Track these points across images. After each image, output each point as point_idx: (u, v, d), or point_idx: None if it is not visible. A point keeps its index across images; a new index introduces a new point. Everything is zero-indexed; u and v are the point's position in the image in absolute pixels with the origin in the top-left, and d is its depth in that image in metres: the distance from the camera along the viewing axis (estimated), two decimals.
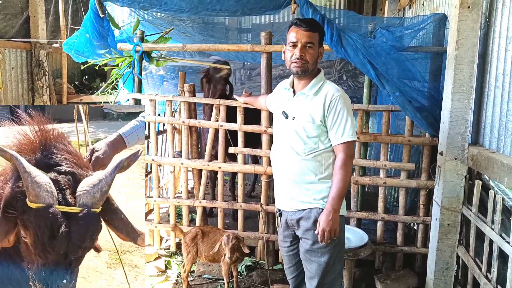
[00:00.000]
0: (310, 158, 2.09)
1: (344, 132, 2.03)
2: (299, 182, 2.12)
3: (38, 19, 7.15)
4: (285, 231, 2.27)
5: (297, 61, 2.03)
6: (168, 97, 3.63)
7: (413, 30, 3.18)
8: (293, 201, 2.15)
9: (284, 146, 2.17)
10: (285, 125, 2.16)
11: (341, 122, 2.03)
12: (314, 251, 2.11)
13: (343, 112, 2.03)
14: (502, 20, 2.50)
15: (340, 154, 2.04)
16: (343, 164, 2.02)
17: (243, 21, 7.59)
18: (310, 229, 2.10)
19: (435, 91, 3.07)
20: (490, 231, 2.36)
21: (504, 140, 2.44)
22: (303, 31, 2.02)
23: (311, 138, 2.07)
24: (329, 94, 2.05)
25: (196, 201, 3.66)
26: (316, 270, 2.13)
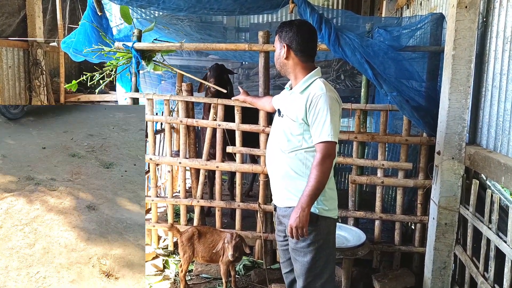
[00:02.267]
0: (293, 156, 2.11)
1: (322, 131, 1.99)
2: (283, 179, 2.15)
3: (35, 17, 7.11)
4: (278, 226, 2.30)
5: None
6: (165, 96, 3.62)
7: (411, 30, 3.18)
8: (280, 197, 2.20)
9: (273, 143, 2.22)
10: (277, 123, 2.22)
11: (320, 121, 1.99)
12: (298, 250, 2.14)
13: (323, 112, 1.99)
14: (499, 20, 2.51)
15: (317, 154, 2.02)
16: (317, 164, 1.99)
17: (241, 20, 7.58)
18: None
19: (433, 91, 3.08)
20: (487, 230, 2.37)
21: (501, 140, 2.45)
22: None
23: (294, 136, 2.10)
24: (311, 92, 2.04)
25: (194, 200, 3.66)
26: (300, 269, 2.15)
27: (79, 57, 3.92)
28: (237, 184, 3.60)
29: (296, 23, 2.11)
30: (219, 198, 3.63)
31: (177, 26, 4.55)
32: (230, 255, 2.91)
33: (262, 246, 3.54)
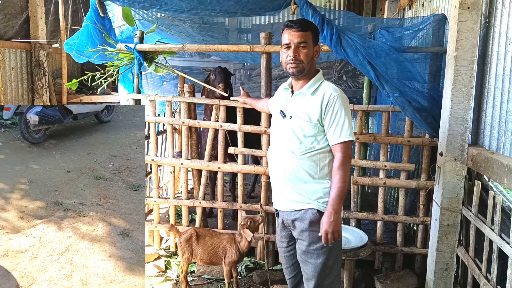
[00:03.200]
0: (306, 157, 2.08)
1: (342, 132, 2.01)
2: (294, 182, 2.11)
3: (38, 19, 7.15)
4: (282, 232, 2.27)
5: (291, 62, 2.04)
6: (167, 98, 3.63)
7: (413, 31, 3.18)
8: (288, 201, 2.15)
9: (280, 146, 2.16)
10: (283, 125, 2.16)
11: (338, 122, 2.01)
12: (310, 252, 2.11)
13: (341, 112, 2.01)
14: (502, 21, 2.51)
15: (338, 154, 2.02)
16: (341, 164, 2.01)
17: (243, 21, 7.59)
18: (306, 230, 2.09)
19: (435, 92, 3.07)
20: (490, 231, 2.37)
21: (504, 141, 2.44)
22: (295, 32, 2.03)
23: (307, 137, 2.07)
24: (326, 93, 2.04)
25: (196, 201, 3.66)
26: (313, 271, 2.13)
27: (82, 58, 3.93)
28: (239, 185, 3.60)
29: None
30: (221, 199, 3.63)
31: (179, 27, 4.56)
32: (250, 237, 2.92)
33: (264, 247, 3.54)
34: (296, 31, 2.03)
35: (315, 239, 2.07)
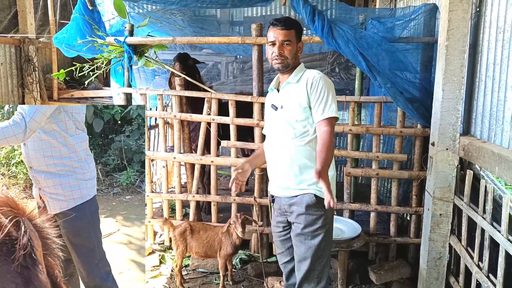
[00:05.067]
0: (302, 143, 2.14)
1: (325, 109, 2.09)
2: (292, 169, 2.16)
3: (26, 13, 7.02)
4: (278, 217, 2.31)
5: (277, 57, 2.16)
6: (159, 91, 3.59)
7: (404, 21, 3.16)
8: (286, 188, 2.20)
9: (276, 136, 2.23)
10: (276, 116, 2.23)
11: (322, 99, 2.09)
12: (305, 234, 2.17)
13: (324, 91, 2.10)
14: (492, 9, 2.50)
15: (324, 127, 2.06)
16: (327, 135, 2.04)
17: (235, 13, 7.52)
18: (303, 214, 2.15)
19: (427, 82, 3.07)
20: (482, 220, 2.38)
21: (495, 130, 2.45)
22: (279, 30, 2.15)
23: (299, 121, 2.14)
24: (310, 77, 2.15)
25: (189, 195, 3.65)
26: (305, 253, 2.18)
27: (72, 53, 3.88)
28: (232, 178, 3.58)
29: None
30: (215, 192, 3.62)
31: (170, 20, 4.50)
32: (240, 232, 2.94)
33: (258, 240, 3.54)
34: (280, 29, 2.15)
35: (310, 221, 2.14)
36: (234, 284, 3.24)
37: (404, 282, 3.17)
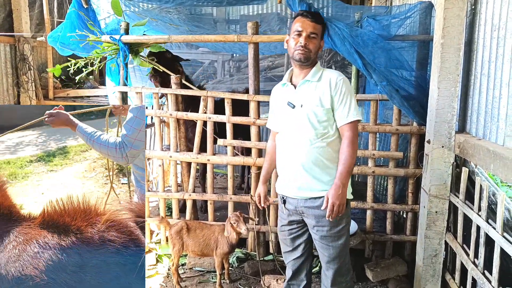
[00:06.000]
0: (323, 145, 2.14)
1: (349, 112, 2.11)
2: (313, 170, 2.15)
3: (21, 12, 6.98)
4: (290, 217, 2.28)
5: (301, 48, 2.13)
6: (154, 90, 3.58)
7: (400, 19, 3.17)
8: (303, 189, 2.18)
9: (293, 135, 2.19)
10: (293, 115, 2.19)
11: (346, 102, 2.12)
12: (332, 236, 2.17)
13: (347, 94, 2.13)
14: (487, 7, 2.51)
15: (347, 133, 2.12)
16: (351, 142, 2.10)
17: (231, 12, 7.51)
18: (325, 216, 2.13)
19: (422, 80, 3.07)
20: (477, 217, 2.39)
21: (490, 127, 2.45)
22: (309, 22, 2.14)
23: (321, 123, 2.13)
24: (332, 78, 2.14)
25: (185, 194, 3.64)
26: (335, 253, 2.20)
27: (67, 51, 3.86)
28: (228, 177, 3.59)
29: None
30: (211, 191, 3.62)
31: (166, 18, 4.49)
32: (244, 230, 2.93)
33: (255, 238, 3.54)
34: (310, 21, 2.14)
35: (335, 223, 2.16)
36: (231, 283, 3.24)
37: (401, 280, 3.18)
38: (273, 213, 3.49)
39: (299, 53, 2.13)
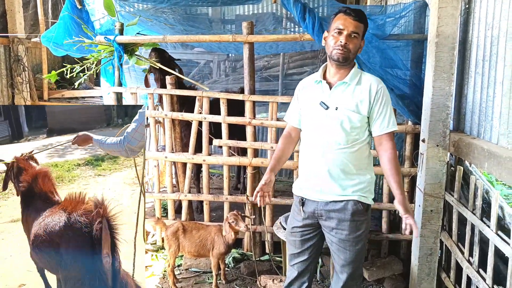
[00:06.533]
0: (352, 150, 2.10)
1: (389, 122, 2.09)
2: (338, 175, 2.10)
3: (15, 13, 6.94)
4: (306, 220, 2.22)
5: (340, 48, 2.03)
6: (149, 90, 3.57)
7: (395, 18, 3.17)
8: (326, 192, 2.13)
9: (322, 137, 2.12)
10: (326, 116, 2.11)
11: (386, 112, 2.08)
12: (350, 240, 2.14)
13: (387, 103, 2.09)
14: (481, 6, 2.52)
15: (390, 143, 2.10)
16: (395, 151, 2.11)
17: (226, 12, 7.51)
18: (347, 220, 2.11)
19: (417, 79, 3.08)
20: (472, 216, 2.40)
21: (485, 126, 2.46)
22: (351, 20, 2.03)
23: (354, 129, 2.08)
24: (373, 84, 2.08)
25: (181, 194, 3.63)
26: (351, 257, 2.17)
27: (60, 52, 3.85)
28: (224, 177, 3.58)
29: None
30: (207, 192, 3.61)
31: (161, 18, 4.48)
32: (244, 227, 2.96)
33: (251, 238, 3.54)
34: (353, 19, 2.03)
35: (355, 228, 2.13)
36: (227, 283, 3.23)
37: (396, 278, 3.19)
38: (269, 213, 3.48)
39: (338, 53, 2.03)
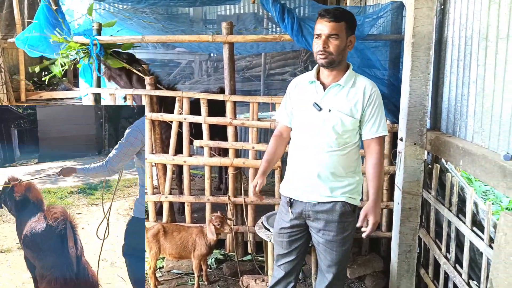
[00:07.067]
0: (342, 152, 2.09)
1: (380, 126, 2.08)
2: (326, 176, 2.10)
3: None
4: (294, 220, 2.21)
5: (320, 52, 2.01)
6: (128, 91, 3.53)
7: (372, 19, 3.20)
8: (314, 193, 2.13)
9: (313, 139, 2.11)
10: (318, 118, 2.09)
11: (378, 116, 2.07)
12: (337, 241, 2.14)
13: (379, 107, 2.09)
14: (456, 7, 2.57)
15: (377, 147, 2.09)
16: (381, 157, 2.11)
17: (208, 12, 7.47)
18: (335, 222, 2.11)
19: (395, 79, 3.12)
20: (448, 212, 2.45)
21: (460, 124, 2.51)
22: (327, 22, 1.99)
23: (346, 131, 2.07)
24: (367, 88, 2.08)
25: (162, 196, 3.60)
26: (337, 258, 2.18)
27: (36, 53, 3.76)
28: (205, 178, 3.56)
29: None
30: (188, 193, 3.58)
31: (140, 18, 4.42)
32: (229, 229, 3.02)
33: (233, 239, 3.53)
34: (328, 21, 1.99)
35: (342, 229, 2.14)
36: (209, 284, 3.22)
37: (377, 275, 3.23)
38: (251, 213, 3.48)
39: (320, 58, 2.02)
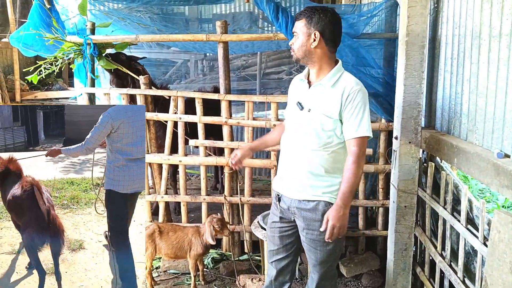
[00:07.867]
0: (325, 152, 2.05)
1: (359, 127, 1.98)
2: (308, 174, 2.08)
3: None
4: (282, 214, 2.22)
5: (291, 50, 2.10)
6: (122, 90, 3.51)
7: (367, 17, 3.20)
8: (299, 191, 2.12)
9: (296, 138, 2.11)
10: (300, 117, 2.10)
11: (357, 116, 1.98)
12: (320, 241, 2.10)
13: (360, 107, 1.99)
14: (449, 5, 2.57)
15: (354, 148, 1.99)
16: (357, 159, 1.98)
17: (203, 11, 7.44)
18: (317, 221, 2.08)
19: (389, 77, 3.12)
20: (443, 211, 2.45)
21: (454, 122, 2.52)
22: (295, 22, 2.08)
23: (326, 131, 2.03)
24: (348, 86, 2.00)
25: (157, 196, 3.59)
26: (322, 257, 2.15)
27: (30, 52, 3.74)
28: (201, 178, 3.56)
29: (330, 10, 2.04)
30: (184, 192, 3.58)
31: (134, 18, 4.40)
32: (228, 233, 3.09)
33: (230, 238, 3.53)
34: (296, 20, 2.07)
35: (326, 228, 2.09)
36: (206, 284, 3.22)
37: (374, 274, 3.23)
38: (248, 212, 3.48)
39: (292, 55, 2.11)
